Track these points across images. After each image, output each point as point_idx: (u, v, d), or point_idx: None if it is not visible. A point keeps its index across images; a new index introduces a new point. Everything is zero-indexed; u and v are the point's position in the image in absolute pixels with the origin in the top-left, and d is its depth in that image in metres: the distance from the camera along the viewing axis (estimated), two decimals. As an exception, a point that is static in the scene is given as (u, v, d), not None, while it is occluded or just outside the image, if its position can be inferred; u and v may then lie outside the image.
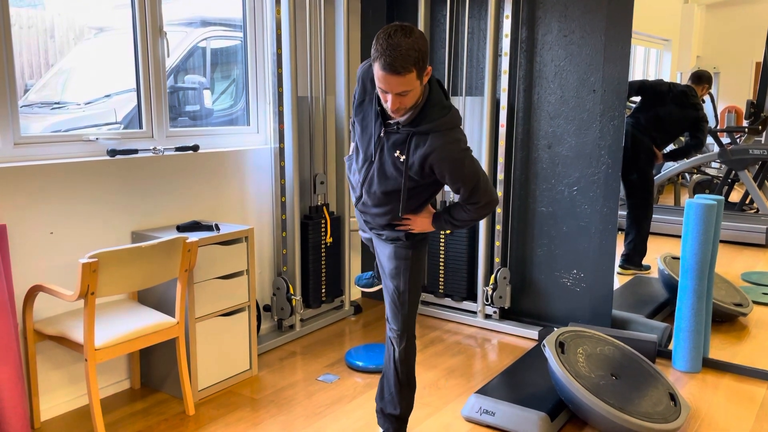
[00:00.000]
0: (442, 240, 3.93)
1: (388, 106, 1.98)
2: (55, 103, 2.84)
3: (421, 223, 2.25)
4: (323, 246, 3.78)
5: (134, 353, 2.96)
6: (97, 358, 2.37)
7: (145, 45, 2.96)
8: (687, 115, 3.64)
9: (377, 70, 1.91)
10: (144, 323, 2.55)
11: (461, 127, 2.11)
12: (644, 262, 3.90)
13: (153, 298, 2.88)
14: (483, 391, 2.74)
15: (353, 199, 2.35)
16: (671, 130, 3.70)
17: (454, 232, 3.86)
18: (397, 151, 2.09)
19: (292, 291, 3.55)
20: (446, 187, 3.84)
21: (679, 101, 3.64)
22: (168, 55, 3.07)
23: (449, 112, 2.05)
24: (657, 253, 3.85)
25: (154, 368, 2.96)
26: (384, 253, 2.33)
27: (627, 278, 3.91)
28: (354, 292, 4.39)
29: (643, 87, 3.72)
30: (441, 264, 3.96)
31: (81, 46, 2.90)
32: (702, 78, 3.60)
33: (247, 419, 2.72)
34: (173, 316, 2.76)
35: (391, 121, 2.09)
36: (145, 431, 2.61)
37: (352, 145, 2.43)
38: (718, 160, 3.75)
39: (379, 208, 2.23)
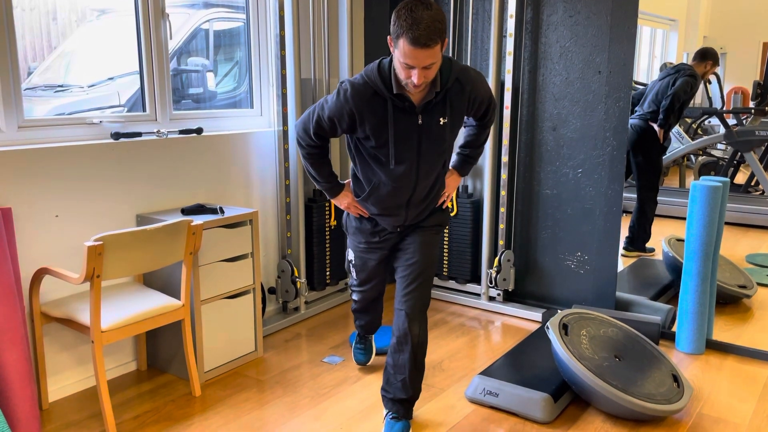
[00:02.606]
0: (446, 222, 3.93)
1: (413, 81, 2.01)
2: (59, 86, 2.84)
3: (451, 184, 2.44)
4: (327, 229, 3.78)
5: (140, 335, 2.98)
6: (104, 340, 2.39)
7: (148, 27, 2.94)
8: (674, 80, 3.61)
9: (404, 45, 1.95)
10: (150, 306, 2.57)
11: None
12: (648, 244, 3.89)
13: (158, 281, 2.90)
14: (487, 373, 2.75)
15: (390, 224, 2.36)
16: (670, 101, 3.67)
17: (458, 214, 3.86)
18: (440, 119, 2.19)
19: (296, 274, 3.56)
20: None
21: (666, 75, 3.62)
22: (171, 37, 3.06)
23: (449, 58, 2.21)
24: (661, 235, 3.84)
25: (161, 350, 2.98)
26: (412, 243, 2.37)
27: (631, 260, 3.91)
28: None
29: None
30: (445, 246, 3.96)
31: (83, 28, 2.89)
32: (707, 55, 3.56)
33: (253, 400, 2.74)
34: (179, 298, 2.78)
35: (429, 99, 2.15)
36: (152, 412, 2.64)
37: (345, 195, 2.44)
38: (724, 142, 3.73)
39: (430, 194, 2.33)
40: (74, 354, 2.78)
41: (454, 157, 2.50)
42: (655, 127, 3.66)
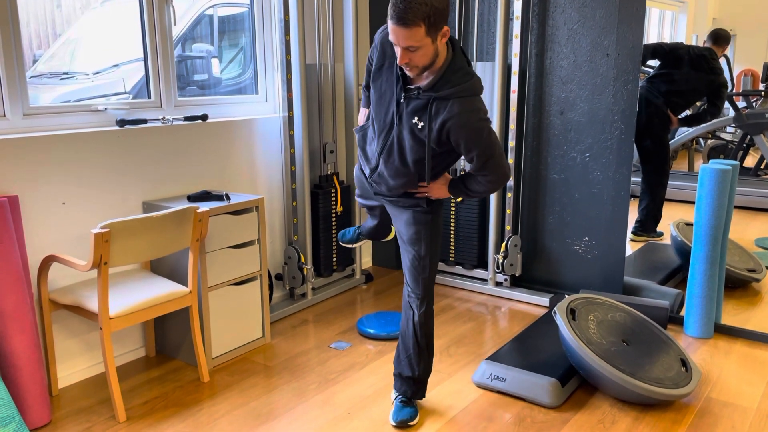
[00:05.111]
0: (453, 208, 3.92)
1: (398, 60, 1.98)
2: (64, 74, 2.83)
3: (438, 190, 2.26)
4: (334, 215, 3.78)
5: (149, 322, 3.00)
6: (112, 327, 2.40)
7: (152, 13, 2.93)
8: (705, 79, 3.56)
9: (388, 21, 1.92)
10: (157, 292, 2.58)
11: (482, 96, 2.07)
12: (657, 228, 3.87)
13: (165, 268, 2.91)
14: (494, 358, 2.75)
15: (365, 171, 2.32)
16: (688, 95, 3.64)
17: (465, 200, 3.85)
18: (416, 118, 2.07)
19: (303, 260, 3.56)
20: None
21: (698, 65, 3.57)
22: (174, 24, 3.04)
23: (471, 79, 2.03)
24: (670, 219, 3.82)
25: (169, 336, 3.00)
26: (401, 219, 2.33)
27: (639, 245, 3.89)
28: (365, 261, 4.40)
29: (659, 50, 3.64)
30: (452, 232, 3.96)
31: (88, 15, 2.88)
32: (722, 38, 3.51)
33: (260, 386, 2.75)
34: (186, 285, 2.79)
35: (412, 86, 2.07)
36: (161, 398, 2.65)
37: (362, 113, 2.40)
38: (734, 125, 3.69)
39: (398, 179, 2.22)
40: (83, 340, 2.80)
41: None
42: (673, 117, 3.63)
